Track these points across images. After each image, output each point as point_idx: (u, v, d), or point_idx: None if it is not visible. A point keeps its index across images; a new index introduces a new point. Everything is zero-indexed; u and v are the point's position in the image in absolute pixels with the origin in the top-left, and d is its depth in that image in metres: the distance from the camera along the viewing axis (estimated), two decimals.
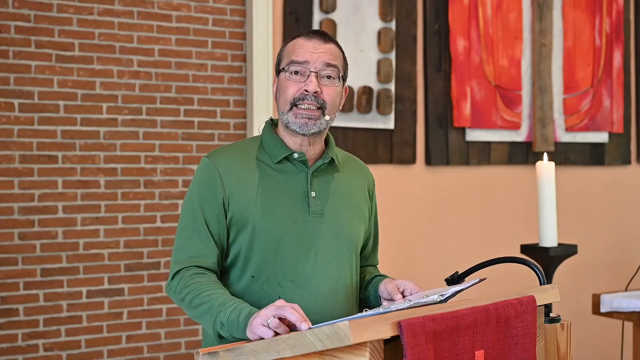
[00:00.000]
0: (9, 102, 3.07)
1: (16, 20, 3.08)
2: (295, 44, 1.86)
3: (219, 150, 1.91)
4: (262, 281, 1.81)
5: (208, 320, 1.71)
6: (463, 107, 3.82)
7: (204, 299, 1.72)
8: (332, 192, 1.90)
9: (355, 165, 2.03)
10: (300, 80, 1.83)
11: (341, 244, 1.88)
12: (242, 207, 1.82)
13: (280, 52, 1.91)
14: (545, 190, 2.83)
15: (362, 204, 1.99)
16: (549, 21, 4.10)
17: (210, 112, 3.41)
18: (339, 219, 1.89)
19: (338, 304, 1.86)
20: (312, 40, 1.85)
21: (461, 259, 3.53)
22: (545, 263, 2.84)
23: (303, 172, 1.88)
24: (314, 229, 1.85)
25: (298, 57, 1.83)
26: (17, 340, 3.07)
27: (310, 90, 1.81)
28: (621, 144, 4.36)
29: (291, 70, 1.83)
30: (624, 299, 3.09)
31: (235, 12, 3.47)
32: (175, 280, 1.81)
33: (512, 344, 1.56)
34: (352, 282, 1.92)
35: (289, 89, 1.83)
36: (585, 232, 4.20)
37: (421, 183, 3.78)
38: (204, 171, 1.86)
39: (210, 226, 1.82)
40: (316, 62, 1.82)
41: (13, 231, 3.07)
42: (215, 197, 1.82)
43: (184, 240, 1.84)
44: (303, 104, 1.82)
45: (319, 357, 1.40)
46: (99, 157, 3.21)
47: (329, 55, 1.84)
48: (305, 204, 1.85)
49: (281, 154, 1.87)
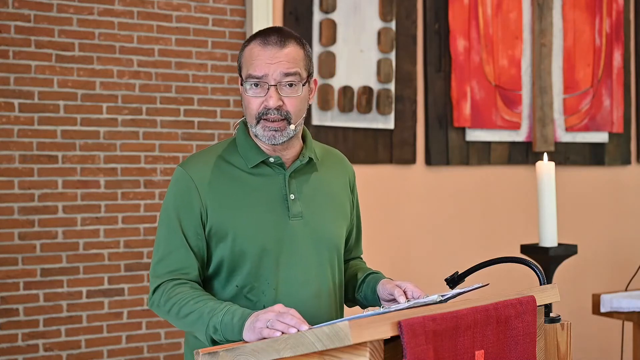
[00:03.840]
0: (9, 102, 3.07)
1: (16, 20, 3.08)
2: (251, 53, 1.77)
3: (193, 158, 1.86)
4: (246, 291, 1.80)
5: (199, 328, 1.70)
6: (463, 107, 3.82)
7: (192, 308, 1.71)
8: (311, 192, 1.87)
9: (334, 160, 1.99)
10: (260, 94, 1.76)
11: (323, 246, 1.86)
12: (221, 217, 1.79)
13: (239, 58, 1.82)
14: (545, 190, 2.83)
15: (344, 199, 1.96)
16: (549, 21, 4.10)
17: (210, 112, 3.41)
18: (319, 220, 1.86)
19: (322, 307, 1.85)
20: (267, 47, 1.76)
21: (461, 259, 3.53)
22: (545, 263, 2.84)
23: (280, 175, 1.84)
24: (295, 233, 1.82)
25: (255, 72, 1.75)
26: (17, 340, 3.07)
27: (271, 106, 1.76)
28: (621, 144, 4.36)
29: (250, 84, 1.77)
30: (624, 299, 3.09)
31: (235, 12, 3.47)
32: (157, 294, 1.78)
33: (512, 344, 1.56)
34: (336, 285, 1.90)
35: (251, 105, 1.78)
36: (585, 232, 4.20)
37: (421, 183, 3.78)
38: (179, 181, 1.82)
39: (189, 239, 1.79)
40: (274, 74, 1.75)
41: (13, 231, 3.07)
42: (192, 209, 1.79)
43: (163, 254, 1.80)
44: (268, 118, 1.77)
45: (319, 357, 1.40)
46: (99, 157, 3.21)
47: (286, 64, 1.76)
48: (284, 207, 1.82)
49: (256, 158, 1.83)
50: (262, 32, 1.80)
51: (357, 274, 2.00)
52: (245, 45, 1.81)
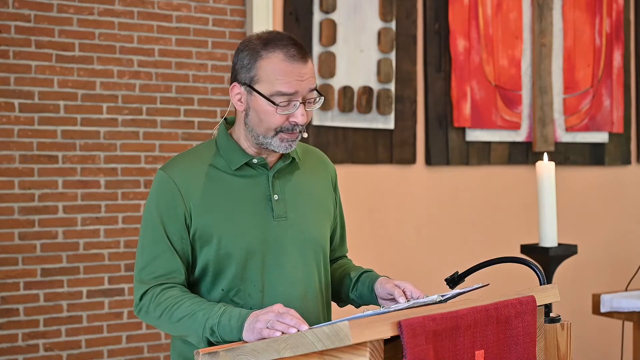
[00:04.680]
0: (9, 102, 3.07)
1: (16, 20, 3.08)
2: (276, 68, 1.72)
3: (174, 160, 1.84)
4: (232, 294, 1.79)
5: (194, 331, 1.69)
6: (463, 107, 3.82)
7: (185, 311, 1.70)
8: (295, 192, 1.86)
9: (315, 158, 1.98)
10: (286, 110, 1.73)
11: (308, 247, 1.85)
12: (205, 220, 1.77)
13: (250, 64, 1.74)
14: (545, 190, 2.83)
15: (327, 199, 1.95)
16: (549, 21, 4.10)
17: (210, 112, 3.41)
18: (304, 221, 1.85)
19: (308, 308, 1.84)
20: (293, 63, 1.72)
21: (461, 259, 3.53)
22: (545, 263, 2.84)
23: (264, 175, 1.83)
24: (279, 235, 1.81)
25: (285, 89, 1.71)
26: (17, 340, 3.07)
27: (301, 123, 1.75)
28: (621, 144, 4.36)
29: (278, 102, 1.72)
30: (624, 299, 3.09)
31: (235, 12, 3.47)
32: (145, 299, 1.76)
33: (512, 343, 1.56)
34: (322, 285, 1.90)
35: (274, 119, 1.74)
36: (585, 232, 4.20)
37: (421, 183, 3.79)
38: (161, 185, 1.79)
39: (174, 243, 1.77)
40: (303, 90, 1.73)
41: (13, 231, 3.07)
42: (176, 212, 1.77)
43: (148, 259, 1.78)
44: (290, 131, 1.76)
45: (319, 357, 1.41)
46: (99, 157, 3.21)
47: (312, 79, 1.75)
48: (268, 208, 1.81)
49: (239, 160, 1.81)
50: (277, 43, 1.74)
51: (349, 273, 1.98)
52: (260, 54, 1.74)
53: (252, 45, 1.76)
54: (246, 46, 1.77)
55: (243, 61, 1.76)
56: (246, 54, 1.76)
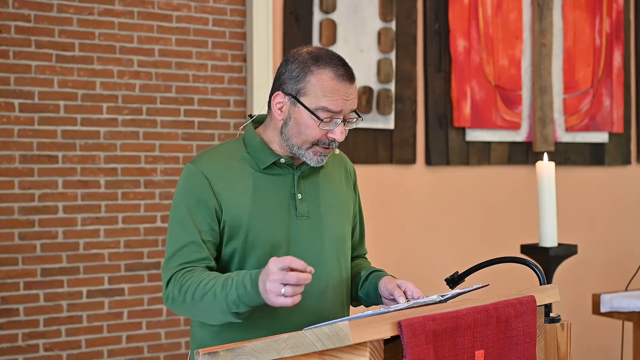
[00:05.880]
0: (9, 102, 3.07)
1: (16, 20, 3.08)
2: (325, 85, 1.77)
3: (204, 155, 1.88)
4: None
5: (218, 307, 1.71)
6: (463, 107, 3.82)
7: (205, 289, 1.71)
8: (318, 192, 1.91)
9: (337, 159, 2.03)
10: (327, 126, 1.79)
11: (329, 245, 1.89)
12: (234, 213, 1.81)
13: (299, 77, 1.80)
14: (545, 190, 2.83)
15: (347, 197, 2.00)
16: (549, 21, 4.10)
17: (210, 112, 3.41)
18: (326, 219, 1.90)
19: (328, 304, 1.87)
20: (343, 83, 1.78)
21: (461, 259, 3.53)
22: (545, 263, 2.84)
23: (290, 175, 1.88)
24: (302, 232, 1.86)
25: (332, 106, 1.77)
26: (17, 340, 3.07)
27: (340, 140, 1.81)
28: (621, 144, 4.36)
29: (322, 117, 1.78)
30: (624, 299, 3.09)
31: (235, 12, 3.47)
32: (170, 286, 1.79)
33: (512, 343, 1.56)
34: (342, 282, 1.93)
35: (314, 133, 1.79)
36: (585, 232, 4.20)
37: (421, 183, 3.79)
38: (191, 178, 1.83)
39: (203, 234, 1.80)
40: (347, 110, 1.80)
41: (13, 231, 3.08)
42: (207, 205, 1.80)
43: (174, 250, 1.81)
44: (325, 146, 1.82)
45: (319, 357, 1.41)
46: (99, 157, 3.21)
47: (355, 101, 1.82)
48: (292, 207, 1.86)
49: (268, 160, 1.86)
50: (327, 61, 1.79)
51: (360, 271, 2.02)
52: (310, 69, 1.79)
53: (303, 58, 1.81)
54: (296, 59, 1.81)
55: (292, 72, 1.80)
56: (296, 66, 1.80)
